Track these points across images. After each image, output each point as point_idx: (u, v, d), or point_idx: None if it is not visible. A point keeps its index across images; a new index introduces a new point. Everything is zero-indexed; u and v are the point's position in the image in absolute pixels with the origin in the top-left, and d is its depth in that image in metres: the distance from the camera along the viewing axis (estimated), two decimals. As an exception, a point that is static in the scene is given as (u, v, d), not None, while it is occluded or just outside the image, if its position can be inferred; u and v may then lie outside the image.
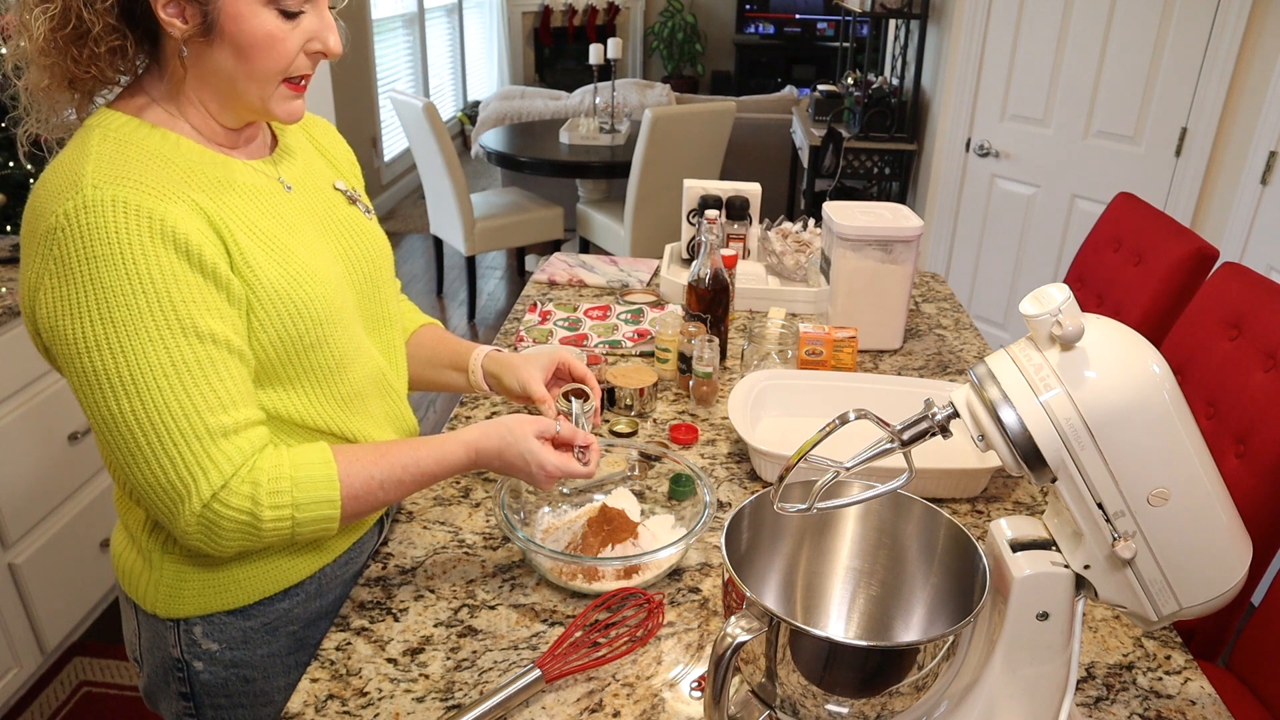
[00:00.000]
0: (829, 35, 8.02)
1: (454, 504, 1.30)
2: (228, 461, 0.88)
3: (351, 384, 1.04)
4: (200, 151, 0.93)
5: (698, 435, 1.48)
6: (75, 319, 0.83)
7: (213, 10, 0.86)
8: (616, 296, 2.05)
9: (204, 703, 1.07)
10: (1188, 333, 1.70)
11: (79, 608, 2.20)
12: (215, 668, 1.05)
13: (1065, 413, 0.74)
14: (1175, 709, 0.99)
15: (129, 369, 0.83)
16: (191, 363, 0.86)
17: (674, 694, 0.98)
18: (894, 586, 0.96)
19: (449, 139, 3.90)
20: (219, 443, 0.87)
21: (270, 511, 0.89)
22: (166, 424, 0.85)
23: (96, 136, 0.88)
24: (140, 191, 0.84)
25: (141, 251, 0.83)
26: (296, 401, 0.98)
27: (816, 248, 2.06)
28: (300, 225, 0.99)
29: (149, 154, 0.89)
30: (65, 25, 0.84)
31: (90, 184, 0.83)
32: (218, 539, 0.89)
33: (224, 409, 0.88)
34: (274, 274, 0.92)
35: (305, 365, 0.97)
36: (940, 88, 3.66)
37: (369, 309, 1.09)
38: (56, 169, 0.87)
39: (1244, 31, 2.61)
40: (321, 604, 1.11)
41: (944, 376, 1.72)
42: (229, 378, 0.88)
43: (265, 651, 1.07)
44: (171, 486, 0.86)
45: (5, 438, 1.93)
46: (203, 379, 0.86)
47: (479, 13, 7.72)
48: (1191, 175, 2.82)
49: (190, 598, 1.01)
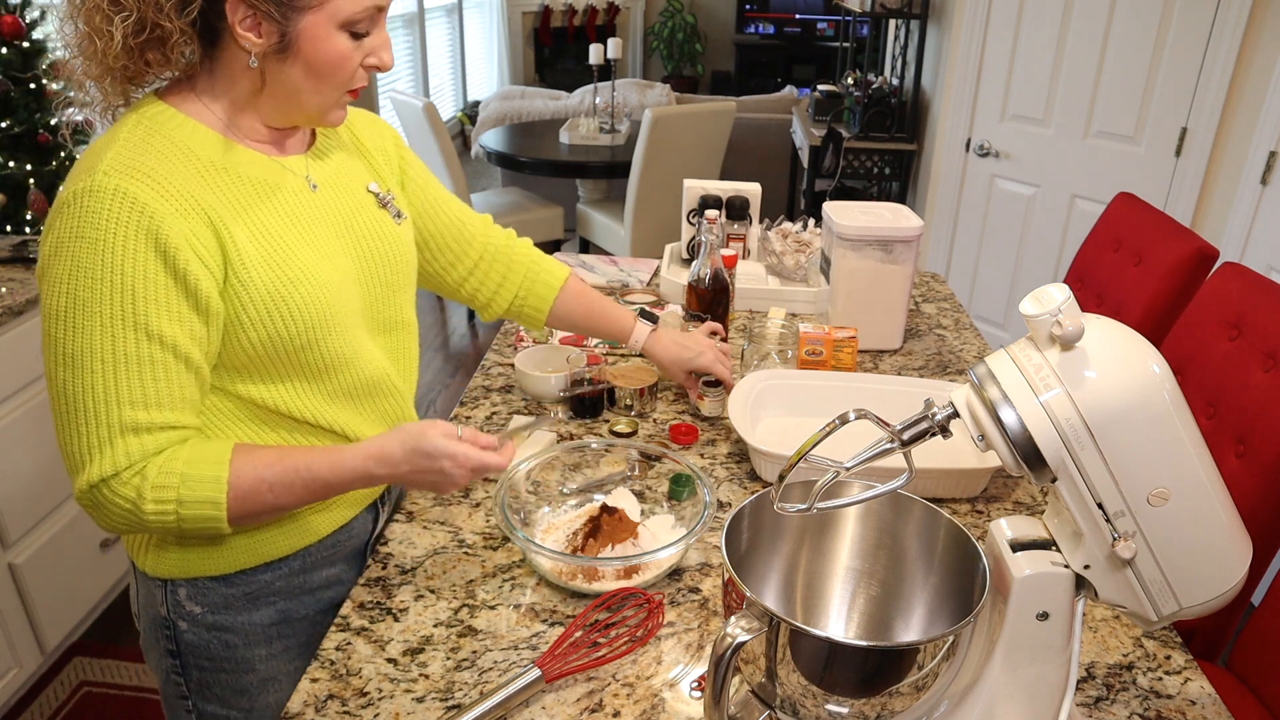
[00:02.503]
0: (829, 35, 8.01)
1: (454, 504, 1.30)
2: (124, 455, 0.91)
3: (345, 383, 1.06)
4: (224, 145, 0.96)
5: (698, 435, 1.48)
6: (50, 288, 0.89)
7: (291, 31, 0.91)
8: (616, 296, 2.05)
9: (189, 662, 1.11)
10: (1188, 333, 1.70)
11: (79, 608, 2.20)
12: (198, 629, 1.09)
13: (1065, 413, 0.74)
14: (1175, 709, 0.99)
15: (74, 345, 0.89)
16: (131, 356, 0.90)
17: (674, 694, 0.98)
18: (894, 586, 0.96)
19: (449, 139, 3.90)
20: (125, 436, 0.91)
21: (153, 505, 0.92)
22: (85, 403, 0.90)
23: (130, 123, 0.93)
24: (146, 187, 0.88)
25: (122, 243, 0.87)
26: (285, 395, 1.02)
27: (816, 248, 2.06)
28: (315, 225, 1.02)
29: (174, 145, 0.93)
30: (141, 32, 0.89)
31: (103, 170, 0.88)
32: (101, 517, 0.94)
33: (144, 407, 0.91)
34: (268, 276, 0.95)
35: (295, 364, 1.00)
36: (940, 88, 3.66)
37: (378, 312, 1.11)
38: (91, 149, 0.93)
39: (1244, 31, 2.61)
40: (305, 581, 1.13)
41: (944, 376, 1.72)
42: (163, 380, 0.92)
43: (246, 619, 1.10)
44: (73, 456, 0.92)
45: (5, 438, 1.93)
46: (135, 374, 0.90)
47: (479, 13, 7.72)
48: (1191, 175, 2.82)
49: (172, 560, 1.06)
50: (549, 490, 1.27)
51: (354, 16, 0.93)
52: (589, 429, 1.50)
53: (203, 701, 1.13)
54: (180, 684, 1.12)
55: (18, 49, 2.30)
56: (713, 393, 1.50)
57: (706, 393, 1.50)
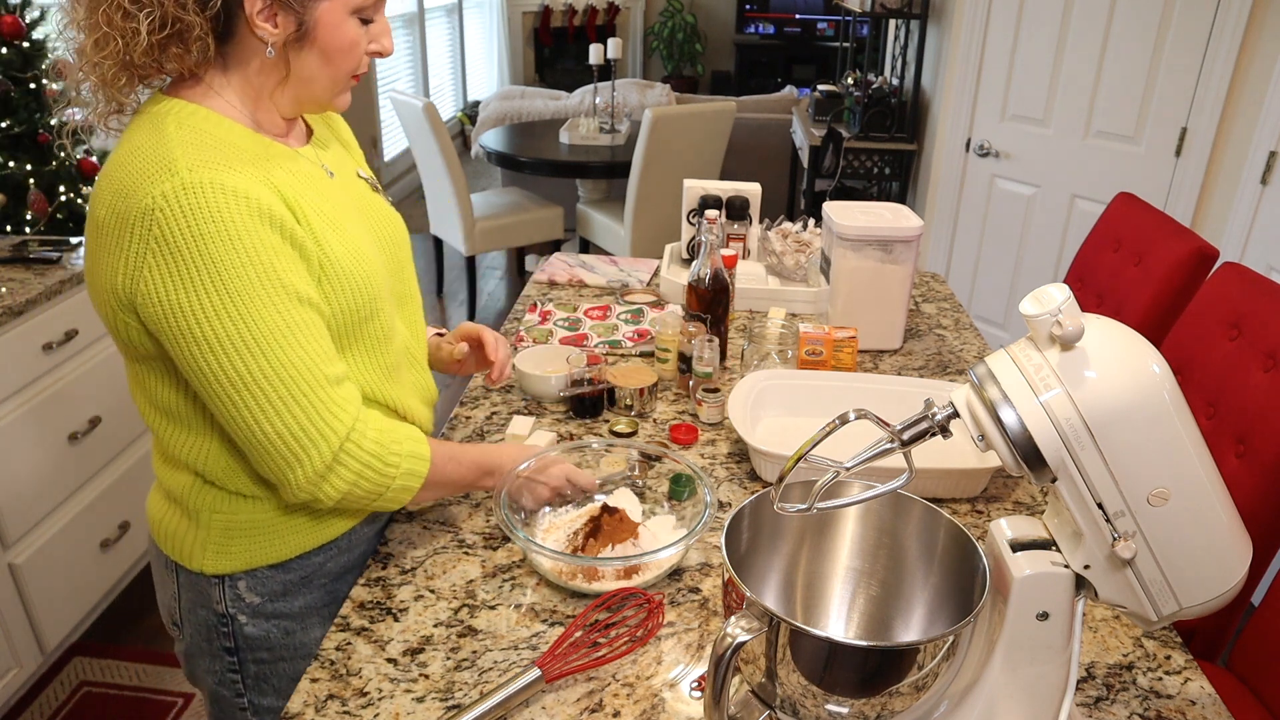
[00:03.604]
0: (829, 35, 8.02)
1: (454, 504, 1.30)
2: (351, 404, 0.98)
3: (392, 355, 1.12)
4: (256, 139, 0.99)
5: (698, 435, 1.48)
6: (189, 292, 0.89)
7: (309, 20, 0.94)
8: (616, 296, 2.05)
9: (246, 658, 1.13)
10: (1188, 333, 1.70)
11: (79, 608, 2.20)
12: (258, 620, 1.11)
13: (1065, 413, 0.74)
14: (1175, 709, 0.99)
15: (250, 332, 0.91)
16: (302, 324, 0.94)
17: (674, 694, 0.98)
18: (894, 586, 0.96)
19: (449, 139, 3.90)
20: (339, 388, 0.97)
21: (393, 454, 1.00)
22: (294, 376, 0.93)
23: (172, 123, 0.93)
24: (231, 174, 0.91)
25: (244, 227, 0.90)
26: (350, 369, 1.05)
27: (816, 248, 2.06)
28: (346, 207, 1.07)
29: (220, 141, 0.95)
30: (164, 29, 0.90)
31: (185, 167, 0.89)
32: (341, 479, 0.98)
33: (332, 360, 0.97)
34: (339, 249, 1.00)
35: (360, 335, 1.05)
36: (940, 88, 3.66)
37: (396, 288, 1.17)
38: (135, 153, 0.91)
39: (1244, 31, 2.61)
40: (349, 559, 1.17)
41: (944, 376, 1.72)
42: (325, 336, 0.98)
43: (302, 603, 1.13)
44: (305, 434, 0.95)
45: (5, 438, 1.93)
46: (312, 337, 0.95)
47: (479, 13, 7.72)
48: (1191, 175, 2.82)
49: (238, 553, 1.08)
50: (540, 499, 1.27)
51: (365, 3, 0.97)
52: (589, 429, 1.50)
53: (259, 696, 1.15)
54: (236, 682, 1.14)
55: (18, 49, 2.30)
56: (712, 399, 1.51)
57: (705, 399, 1.51)
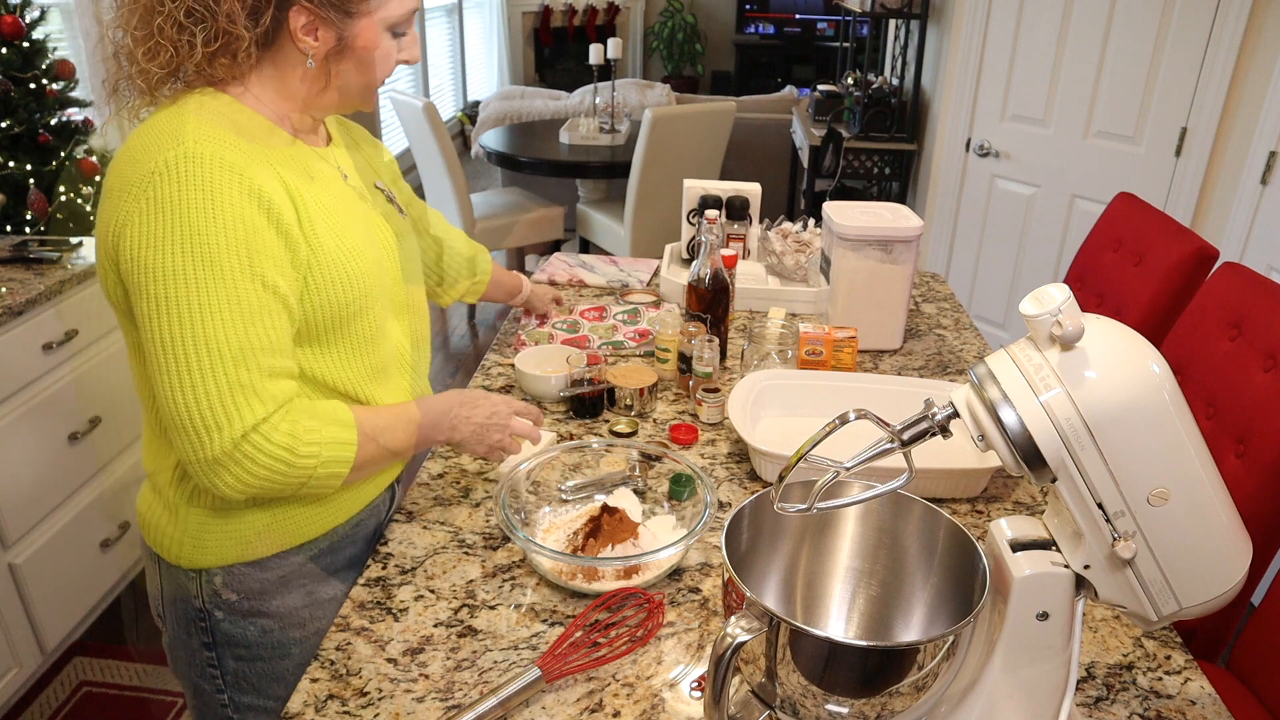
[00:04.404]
0: (829, 35, 8.01)
1: (454, 504, 1.30)
2: (272, 399, 0.96)
3: (379, 357, 1.14)
4: (279, 134, 1.04)
5: (698, 435, 1.48)
6: (159, 250, 0.91)
7: (348, 35, 1.00)
8: (616, 297, 2.05)
9: (225, 653, 1.13)
10: (1188, 333, 1.70)
11: (79, 608, 2.20)
12: (235, 617, 1.11)
13: (1065, 413, 0.74)
14: (1175, 709, 0.99)
15: (198, 298, 0.91)
16: (255, 306, 0.94)
17: (674, 694, 0.98)
18: (894, 586, 0.96)
19: (449, 139, 3.89)
20: (267, 380, 0.96)
21: (305, 449, 0.98)
22: (223, 351, 0.93)
23: (194, 105, 0.98)
24: (235, 152, 0.95)
25: (230, 202, 0.92)
26: (331, 364, 1.07)
27: (816, 248, 2.06)
28: (352, 209, 1.10)
29: (238, 127, 0.99)
30: (215, 41, 0.96)
31: (192, 139, 0.93)
32: (245, 472, 0.95)
33: (273, 353, 0.97)
34: (333, 244, 1.03)
35: (346, 331, 1.07)
36: (940, 88, 3.66)
37: (397, 296, 1.19)
38: (152, 127, 0.96)
39: (1244, 31, 2.61)
40: (333, 561, 1.17)
41: (944, 376, 1.72)
42: (279, 328, 0.97)
43: (281, 604, 1.13)
44: (212, 412, 0.93)
45: (5, 438, 1.93)
46: (260, 322, 0.95)
47: (479, 13, 7.72)
48: (1191, 175, 2.82)
49: (211, 548, 1.08)
50: (549, 490, 1.27)
51: (399, 19, 1.04)
52: (589, 429, 1.50)
53: (239, 694, 1.15)
54: (216, 677, 1.14)
55: (18, 49, 2.30)
56: (712, 399, 1.51)
57: (705, 399, 1.51)
